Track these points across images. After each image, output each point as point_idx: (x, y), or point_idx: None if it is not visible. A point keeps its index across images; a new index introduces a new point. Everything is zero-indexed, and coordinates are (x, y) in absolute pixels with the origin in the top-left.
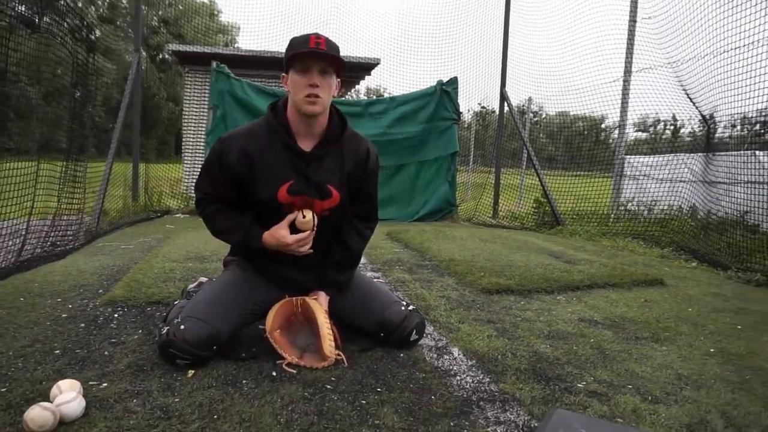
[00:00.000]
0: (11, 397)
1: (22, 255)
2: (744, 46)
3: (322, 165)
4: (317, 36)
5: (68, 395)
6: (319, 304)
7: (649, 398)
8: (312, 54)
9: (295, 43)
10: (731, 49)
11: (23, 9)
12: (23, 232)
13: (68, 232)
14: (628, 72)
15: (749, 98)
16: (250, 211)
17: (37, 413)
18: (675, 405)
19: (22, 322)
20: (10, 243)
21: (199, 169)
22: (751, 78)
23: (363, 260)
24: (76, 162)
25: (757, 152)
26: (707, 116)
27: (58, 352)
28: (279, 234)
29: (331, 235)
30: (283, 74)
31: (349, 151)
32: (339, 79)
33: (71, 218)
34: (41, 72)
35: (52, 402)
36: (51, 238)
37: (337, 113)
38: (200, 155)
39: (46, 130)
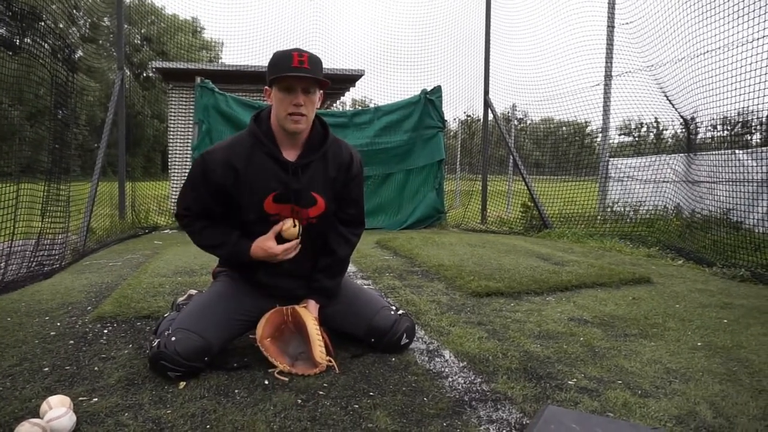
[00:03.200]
0: (0, 416)
1: (6, 276)
2: (718, 48)
3: (306, 173)
4: (300, 54)
5: (58, 411)
6: (308, 312)
7: (639, 392)
8: (296, 76)
9: (278, 59)
10: (706, 51)
11: (3, 31)
12: (5, 254)
13: (54, 252)
14: (608, 76)
15: (727, 99)
16: (236, 223)
17: (26, 430)
18: (664, 398)
19: (10, 342)
20: None
21: (183, 185)
22: (727, 80)
23: (353, 268)
24: (60, 182)
25: (737, 151)
26: (688, 118)
27: (47, 369)
28: (266, 245)
29: (318, 242)
30: (266, 87)
31: (332, 157)
32: (321, 92)
33: (56, 238)
34: (23, 93)
35: (42, 418)
36: (36, 258)
37: (319, 121)
38: (187, 171)
39: (29, 151)
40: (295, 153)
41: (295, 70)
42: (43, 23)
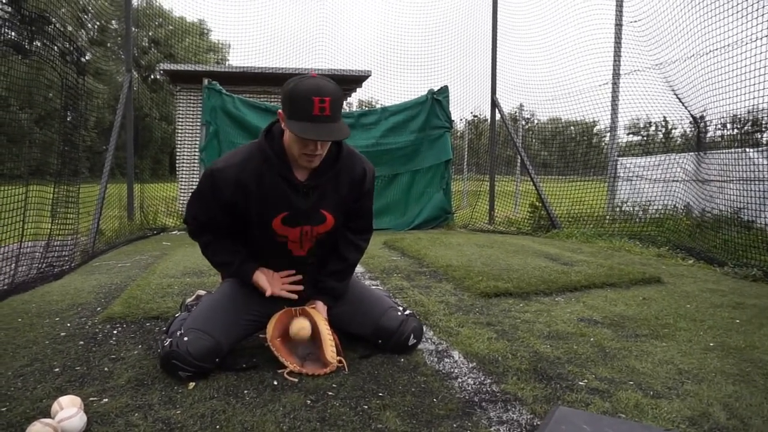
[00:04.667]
0: (11, 416)
1: (17, 277)
2: (727, 46)
3: (317, 192)
4: (321, 99)
5: (69, 411)
6: (318, 312)
7: (651, 393)
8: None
9: (297, 99)
10: (715, 49)
11: (14, 34)
12: (16, 255)
13: (63, 253)
14: (616, 75)
15: (737, 97)
16: (242, 237)
17: (38, 430)
18: (677, 399)
19: (21, 342)
20: (5, 266)
21: (192, 194)
22: (737, 77)
23: (361, 269)
24: (69, 184)
25: (747, 150)
26: (697, 116)
27: (57, 370)
28: (264, 285)
29: (328, 249)
30: (280, 111)
31: (345, 173)
32: None
33: (66, 239)
34: (32, 96)
35: (53, 419)
36: (46, 260)
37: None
38: (195, 173)
39: (39, 154)
40: (306, 172)
41: (316, 121)
42: (52, 27)
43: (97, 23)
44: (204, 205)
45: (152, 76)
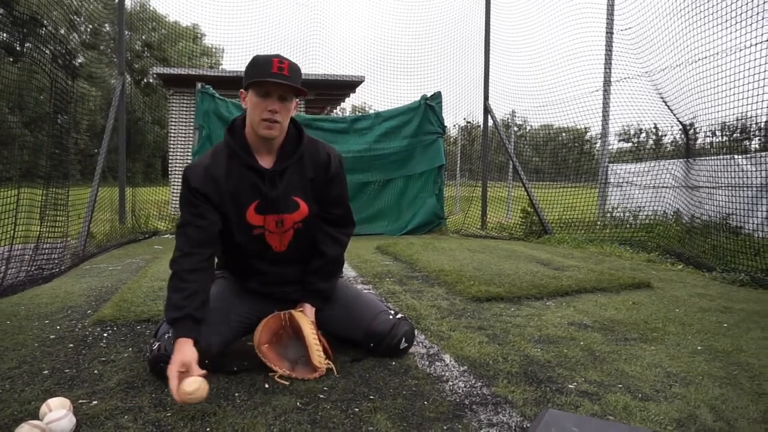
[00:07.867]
0: None
1: (6, 280)
2: (716, 54)
3: (284, 179)
4: (280, 60)
5: (58, 413)
6: (304, 316)
7: (639, 396)
8: (274, 82)
9: (257, 64)
10: (704, 57)
11: (5, 36)
12: (5, 258)
13: (53, 256)
14: (607, 82)
15: (725, 105)
16: (230, 250)
17: (26, 431)
18: (664, 401)
19: (9, 345)
20: None
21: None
22: (725, 86)
23: (353, 273)
24: (58, 187)
25: (736, 157)
26: (687, 124)
27: (46, 372)
28: (171, 371)
29: (306, 246)
30: (242, 90)
31: (309, 158)
32: (296, 100)
33: (56, 242)
34: (23, 99)
35: (41, 420)
36: (36, 263)
37: (294, 125)
38: None
39: (29, 157)
40: (271, 159)
41: (273, 76)
42: (44, 29)
43: (90, 26)
44: (190, 207)
45: (145, 80)
